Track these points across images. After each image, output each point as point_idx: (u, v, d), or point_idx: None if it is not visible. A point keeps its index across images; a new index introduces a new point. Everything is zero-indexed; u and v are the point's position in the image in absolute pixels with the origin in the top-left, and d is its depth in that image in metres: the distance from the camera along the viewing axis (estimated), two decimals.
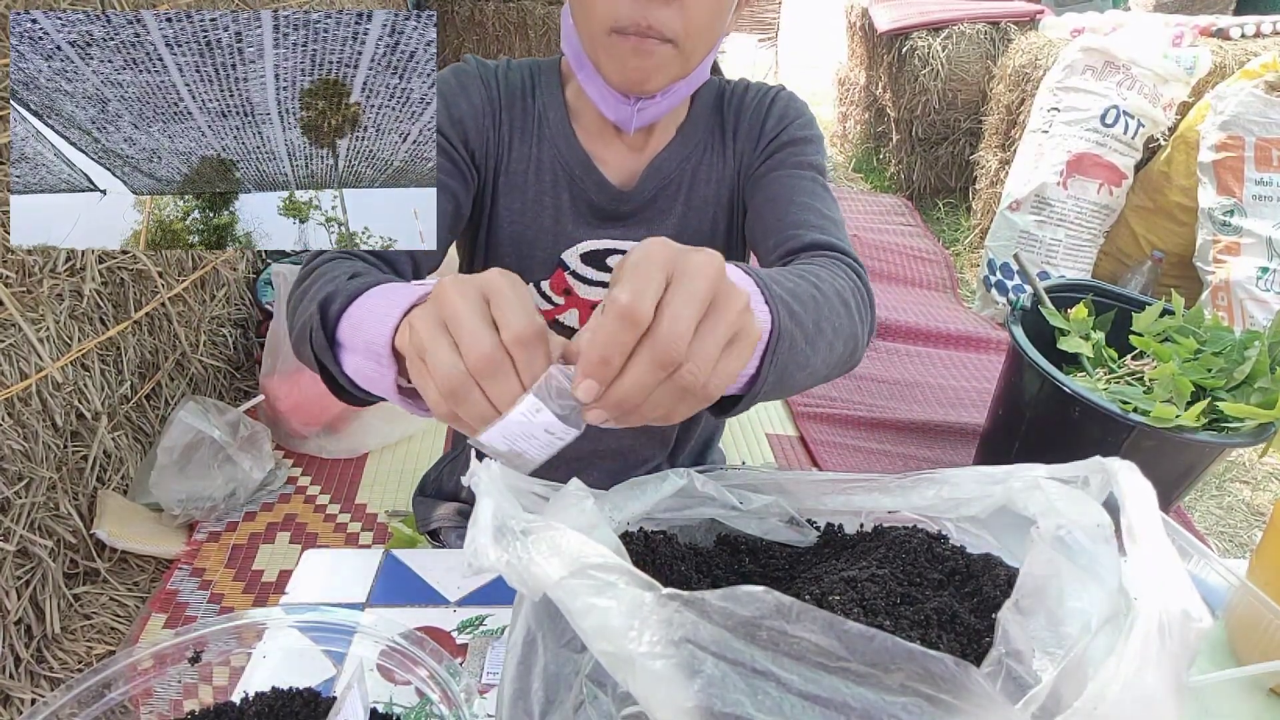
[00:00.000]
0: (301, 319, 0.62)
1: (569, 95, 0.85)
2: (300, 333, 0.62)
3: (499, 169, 0.84)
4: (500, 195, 0.84)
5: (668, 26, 0.68)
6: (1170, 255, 2.67)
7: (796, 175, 0.81)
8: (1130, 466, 0.38)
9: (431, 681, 0.50)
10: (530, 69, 0.86)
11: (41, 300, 1.51)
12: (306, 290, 0.64)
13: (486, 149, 0.82)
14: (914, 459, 2.10)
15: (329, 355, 0.58)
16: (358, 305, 0.57)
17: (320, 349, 0.58)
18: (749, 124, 0.86)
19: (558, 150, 0.83)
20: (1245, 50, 2.72)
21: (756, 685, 0.29)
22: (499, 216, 0.84)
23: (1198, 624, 0.30)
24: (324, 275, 0.64)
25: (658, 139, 0.85)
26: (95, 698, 0.49)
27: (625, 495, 0.46)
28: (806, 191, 0.79)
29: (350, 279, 0.62)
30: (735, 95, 0.87)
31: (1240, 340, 1.50)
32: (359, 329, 0.56)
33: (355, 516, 1.85)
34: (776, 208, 0.78)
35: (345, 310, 0.58)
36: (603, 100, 0.77)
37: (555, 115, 0.84)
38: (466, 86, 0.81)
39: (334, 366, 0.59)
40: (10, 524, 1.41)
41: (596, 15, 0.69)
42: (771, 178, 0.81)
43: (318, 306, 0.58)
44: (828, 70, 4.54)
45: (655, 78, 0.72)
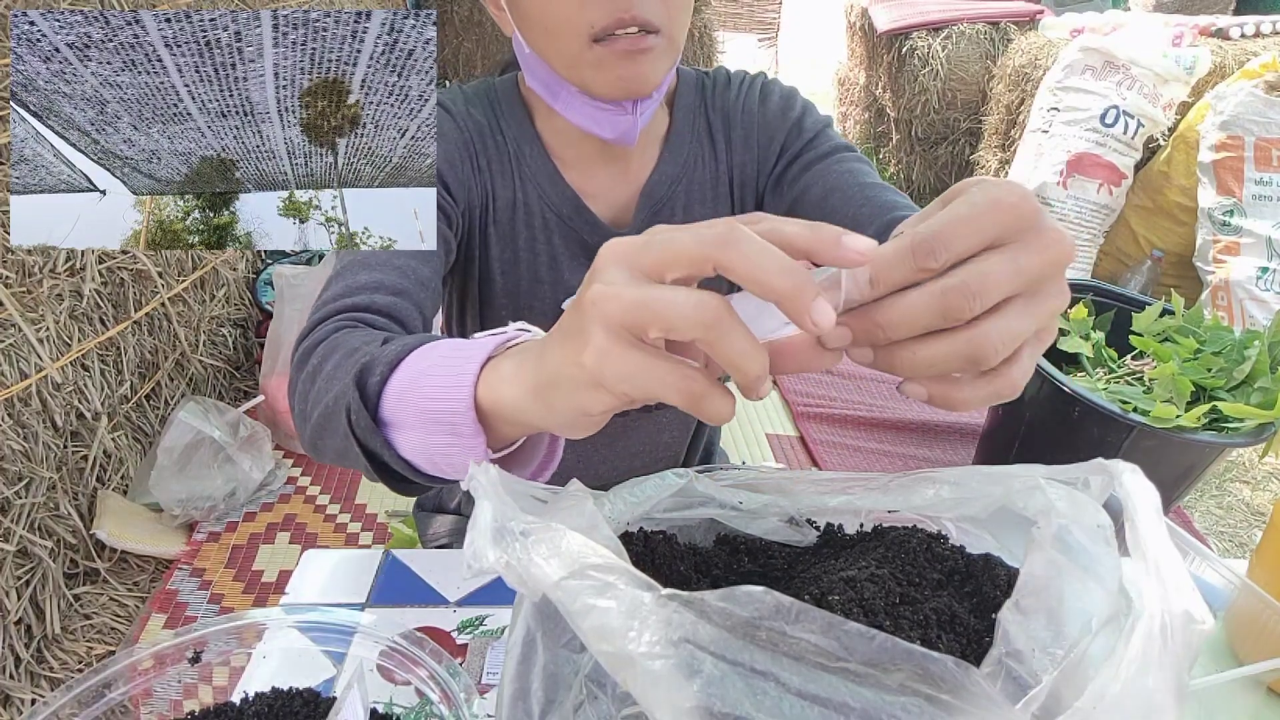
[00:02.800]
0: (321, 404, 0.51)
1: (539, 126, 0.78)
2: (322, 422, 0.50)
3: (486, 217, 0.77)
4: (490, 244, 0.77)
5: (654, 14, 0.63)
6: (1170, 255, 2.68)
7: (843, 160, 0.76)
8: (1133, 469, 0.38)
9: (431, 681, 0.50)
10: (488, 99, 0.78)
11: (41, 300, 1.51)
12: (318, 370, 0.53)
13: (470, 198, 0.74)
14: (914, 459, 2.10)
15: (377, 439, 0.47)
16: (406, 371, 0.47)
17: (365, 432, 0.47)
18: (743, 125, 0.81)
19: (542, 191, 0.77)
20: (1245, 50, 2.73)
21: (756, 685, 0.29)
22: (490, 268, 0.78)
23: (1200, 626, 0.30)
24: (339, 347, 0.53)
25: (643, 160, 0.79)
26: (95, 698, 0.49)
27: (624, 495, 0.46)
28: (864, 174, 0.75)
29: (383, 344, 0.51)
30: (718, 92, 0.82)
31: (1240, 340, 1.50)
32: (415, 399, 0.45)
33: (355, 516, 1.85)
34: (847, 195, 0.73)
35: (389, 380, 0.47)
36: (593, 122, 0.71)
37: (532, 151, 0.77)
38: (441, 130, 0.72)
39: (385, 451, 0.47)
40: (10, 524, 1.41)
41: (571, 30, 0.63)
42: (817, 171, 0.76)
43: (353, 380, 0.48)
44: (828, 70, 4.54)
45: (652, 75, 0.67)
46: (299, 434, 0.55)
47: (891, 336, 0.33)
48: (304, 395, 0.54)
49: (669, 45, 0.67)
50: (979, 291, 0.32)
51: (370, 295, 0.60)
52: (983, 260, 0.32)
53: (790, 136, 0.80)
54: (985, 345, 0.33)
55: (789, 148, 0.80)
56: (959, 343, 0.33)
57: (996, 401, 0.36)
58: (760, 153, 0.81)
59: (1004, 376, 0.35)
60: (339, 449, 0.50)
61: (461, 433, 0.43)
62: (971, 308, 0.32)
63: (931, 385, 0.35)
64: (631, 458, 0.92)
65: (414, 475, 0.49)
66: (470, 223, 0.76)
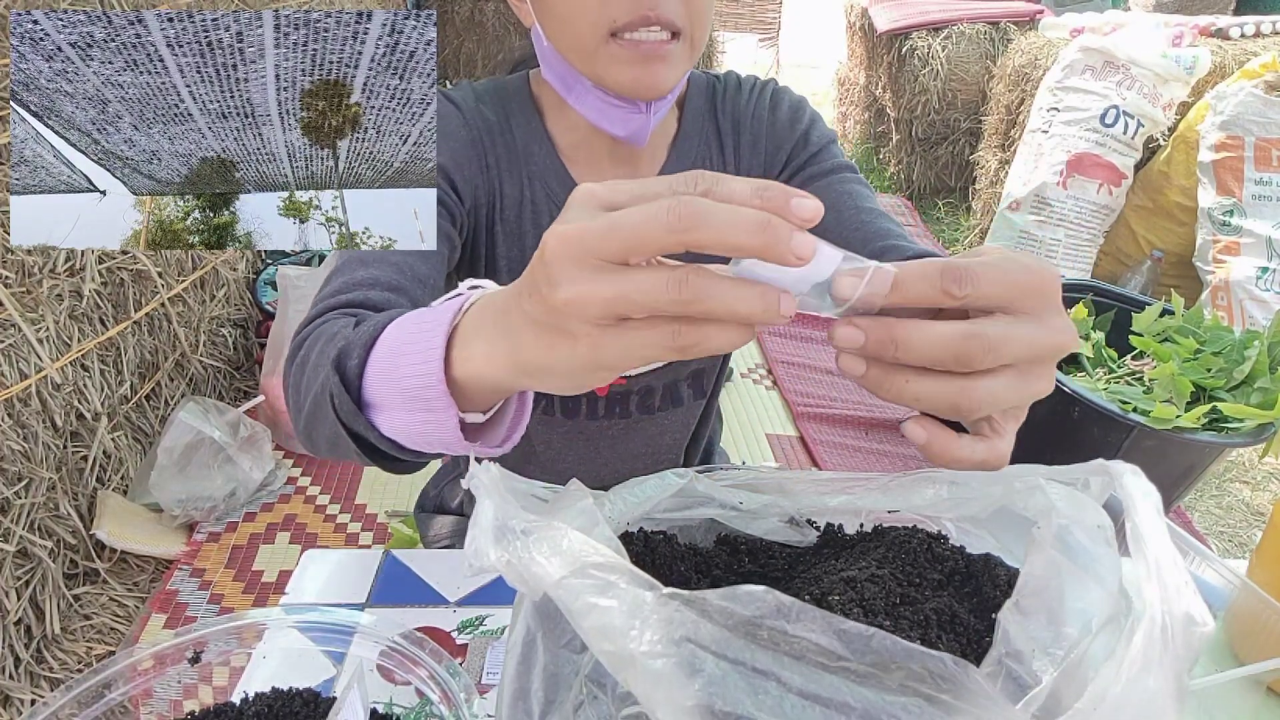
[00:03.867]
0: (310, 393, 0.51)
1: (550, 125, 0.78)
2: (313, 410, 0.51)
3: (493, 215, 0.76)
4: (498, 243, 0.77)
5: (676, 14, 0.63)
6: (1170, 255, 2.68)
7: (844, 180, 0.77)
8: (1135, 470, 0.38)
9: (431, 681, 0.50)
10: (498, 96, 0.78)
11: (41, 300, 1.51)
12: (306, 359, 0.54)
13: (477, 196, 0.75)
14: (914, 459, 2.11)
15: (360, 421, 0.48)
16: (380, 350, 0.47)
17: (349, 416, 0.48)
18: (753, 130, 0.81)
19: (550, 190, 0.77)
20: (1245, 50, 2.73)
21: (757, 684, 0.29)
22: (497, 266, 0.77)
23: (1201, 629, 0.30)
24: (321, 336, 0.54)
25: (651, 161, 0.79)
26: (95, 698, 0.49)
27: (624, 495, 0.46)
28: (862, 197, 0.76)
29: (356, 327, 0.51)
30: (728, 96, 0.82)
31: (1240, 340, 1.50)
32: (391, 378, 0.46)
33: (355, 516, 1.85)
34: (843, 217, 0.74)
35: (366, 362, 0.48)
36: (606, 117, 0.71)
37: (541, 150, 0.77)
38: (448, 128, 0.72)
39: (370, 433, 0.48)
40: (10, 524, 1.41)
41: (589, 22, 0.63)
42: (817, 187, 0.77)
43: (332, 366, 0.48)
44: (828, 70, 4.54)
45: (668, 78, 0.67)
46: (294, 427, 0.56)
47: (900, 356, 0.35)
48: (295, 387, 0.55)
49: (689, 49, 0.67)
50: (994, 348, 0.34)
51: (366, 291, 0.60)
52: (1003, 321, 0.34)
53: (797, 147, 0.80)
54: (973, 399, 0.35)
55: (795, 158, 0.80)
56: (951, 388, 0.35)
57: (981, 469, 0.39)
58: (767, 159, 0.82)
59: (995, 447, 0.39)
60: (329, 436, 0.50)
61: (434, 406, 0.44)
62: (983, 360, 0.34)
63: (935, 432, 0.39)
64: (633, 459, 0.92)
65: (400, 453, 0.49)
66: (477, 221, 0.76)
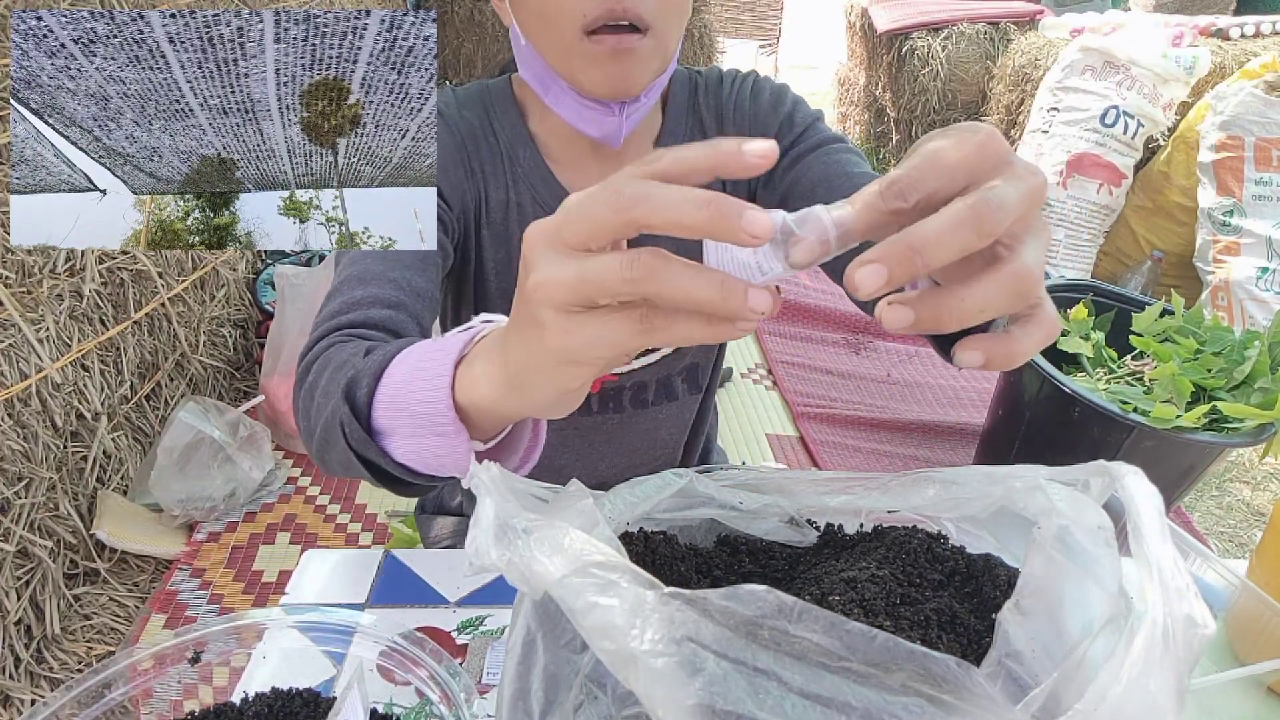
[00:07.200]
0: (321, 419, 0.52)
1: (533, 127, 0.78)
2: (324, 436, 0.52)
3: (480, 219, 0.77)
4: (485, 246, 0.78)
5: (645, 9, 0.64)
6: (1170, 255, 2.68)
7: (831, 151, 0.77)
8: (1136, 471, 0.38)
9: (431, 681, 0.50)
10: (481, 100, 0.78)
11: (41, 300, 1.50)
12: (315, 385, 0.55)
13: (464, 201, 0.75)
14: (914, 459, 2.11)
15: (372, 448, 0.49)
16: (390, 379, 0.48)
17: (360, 443, 0.49)
18: (735, 121, 0.82)
19: (535, 192, 0.77)
20: (1245, 50, 2.73)
21: (758, 684, 0.29)
22: (485, 269, 0.78)
23: (1202, 630, 0.30)
24: (330, 362, 0.55)
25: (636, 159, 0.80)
26: (95, 698, 0.49)
27: (624, 495, 0.46)
28: (853, 164, 0.75)
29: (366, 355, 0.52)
30: (710, 90, 0.83)
31: (1240, 340, 1.50)
32: (401, 405, 0.47)
33: (355, 517, 1.85)
34: (835, 185, 0.74)
35: (375, 391, 0.49)
36: (581, 119, 0.71)
37: (525, 152, 0.77)
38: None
39: (382, 459, 0.49)
40: (10, 524, 1.41)
41: (564, 19, 0.64)
42: (806, 163, 0.77)
43: (342, 395, 0.49)
44: (828, 71, 4.54)
45: (638, 76, 0.67)
46: (307, 448, 0.57)
47: (929, 261, 0.30)
48: (305, 412, 0.56)
49: (657, 47, 0.67)
50: (1000, 204, 0.30)
51: (366, 310, 0.61)
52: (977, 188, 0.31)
53: (782, 130, 0.81)
54: (1026, 276, 0.32)
55: (781, 141, 0.80)
56: (1003, 277, 0.32)
57: (1047, 344, 0.35)
58: None
59: (1043, 317, 0.34)
60: (342, 461, 0.51)
61: (446, 432, 0.45)
62: (999, 219, 0.30)
63: (988, 345, 0.34)
64: (630, 454, 0.92)
65: (412, 477, 0.51)
66: (465, 226, 0.76)
